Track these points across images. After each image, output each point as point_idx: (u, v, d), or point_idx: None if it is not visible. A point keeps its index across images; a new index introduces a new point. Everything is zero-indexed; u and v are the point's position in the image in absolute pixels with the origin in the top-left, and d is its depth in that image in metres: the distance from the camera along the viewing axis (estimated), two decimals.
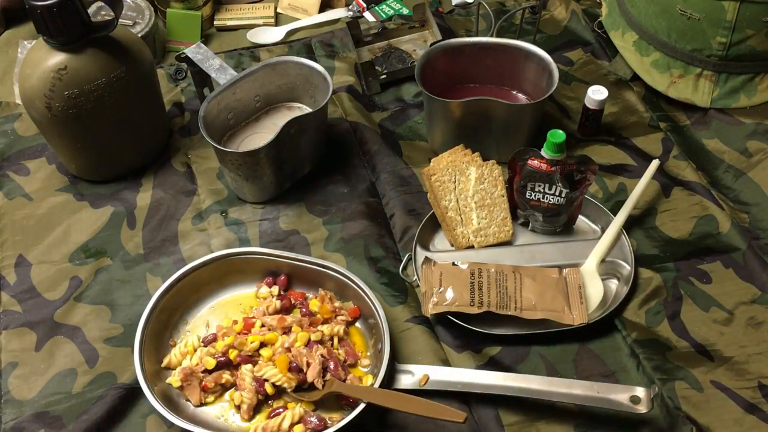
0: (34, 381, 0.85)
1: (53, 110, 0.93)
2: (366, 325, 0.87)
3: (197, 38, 1.23)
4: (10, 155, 1.08)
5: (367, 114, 1.13)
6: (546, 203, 0.93)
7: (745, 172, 1.02)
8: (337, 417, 0.79)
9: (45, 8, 0.86)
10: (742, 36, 1.03)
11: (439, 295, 0.86)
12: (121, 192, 1.03)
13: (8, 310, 0.91)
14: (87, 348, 0.87)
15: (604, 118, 1.08)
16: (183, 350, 0.84)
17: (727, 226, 0.96)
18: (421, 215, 0.98)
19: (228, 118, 1.03)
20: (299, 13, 1.31)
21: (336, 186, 1.04)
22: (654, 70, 1.11)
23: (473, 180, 0.95)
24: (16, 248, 0.97)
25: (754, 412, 0.80)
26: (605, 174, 1.03)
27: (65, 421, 0.81)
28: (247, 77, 1.02)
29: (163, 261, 0.95)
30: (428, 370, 0.82)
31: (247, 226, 0.99)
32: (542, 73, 1.03)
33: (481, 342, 0.86)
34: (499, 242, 0.95)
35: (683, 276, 0.92)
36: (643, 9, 1.10)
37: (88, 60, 0.92)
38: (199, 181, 1.04)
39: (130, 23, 1.15)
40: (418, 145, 1.09)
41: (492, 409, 0.81)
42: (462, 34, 1.25)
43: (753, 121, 1.07)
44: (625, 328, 0.87)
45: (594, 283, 0.90)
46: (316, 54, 1.22)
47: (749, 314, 0.88)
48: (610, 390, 0.77)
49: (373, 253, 0.95)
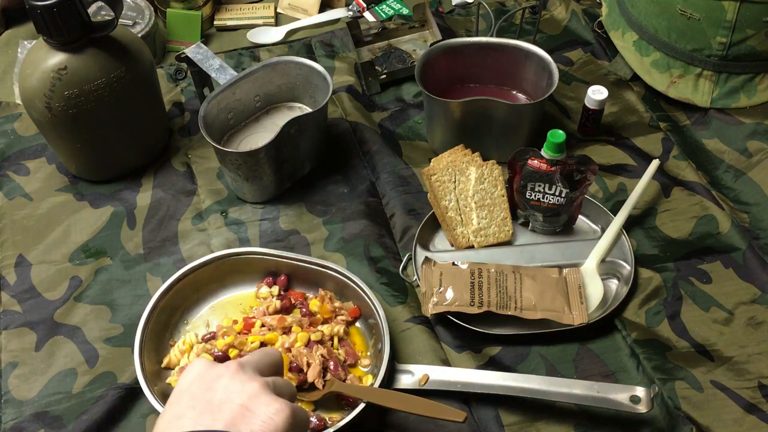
0: (34, 381, 0.85)
1: (53, 110, 0.93)
2: (366, 325, 0.87)
3: (197, 38, 1.23)
4: (10, 155, 1.08)
5: (367, 114, 1.13)
6: (546, 203, 0.93)
7: (745, 172, 1.02)
8: (337, 417, 0.79)
9: (45, 8, 0.86)
10: (742, 36, 1.03)
11: (439, 295, 0.86)
12: (121, 192, 1.03)
13: (8, 310, 0.91)
14: (87, 348, 0.87)
15: (604, 118, 1.08)
16: (182, 348, 0.84)
17: (727, 226, 0.96)
18: (421, 215, 0.98)
19: (228, 118, 1.03)
20: (299, 13, 1.31)
21: (336, 186, 1.04)
22: (654, 70, 1.11)
23: (473, 180, 0.95)
24: (16, 248, 0.97)
25: (754, 412, 0.80)
26: (605, 174, 1.03)
27: (65, 421, 0.81)
28: (247, 77, 1.02)
29: (163, 261, 0.95)
30: (428, 370, 0.82)
31: (247, 226, 0.99)
32: (542, 73, 1.03)
33: (481, 342, 0.86)
34: (499, 242, 0.95)
35: (683, 276, 0.92)
36: (643, 9, 1.10)
37: (88, 60, 0.92)
38: (199, 181, 1.04)
39: (130, 23, 1.15)
40: (418, 145, 1.09)
41: (492, 409, 0.81)
42: (462, 34, 1.25)
43: (753, 121, 1.07)
44: (625, 328, 0.87)
45: (594, 283, 0.90)
46: (316, 54, 1.22)
47: (749, 314, 0.88)
48: (610, 390, 0.77)
49: (373, 253, 0.95)
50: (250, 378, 0.59)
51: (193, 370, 0.61)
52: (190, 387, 0.60)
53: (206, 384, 0.59)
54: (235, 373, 0.60)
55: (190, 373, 0.61)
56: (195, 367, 0.62)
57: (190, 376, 0.61)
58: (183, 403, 0.58)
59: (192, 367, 0.62)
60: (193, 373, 0.61)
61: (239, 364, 0.61)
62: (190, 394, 0.59)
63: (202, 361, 0.62)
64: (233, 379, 0.59)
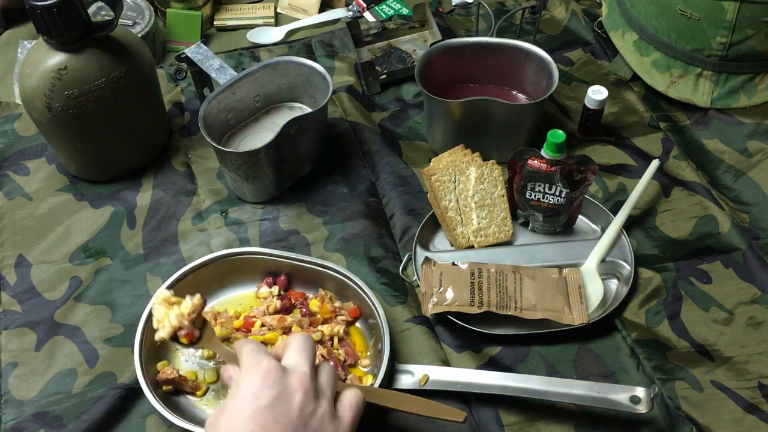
0: (34, 381, 0.85)
1: (53, 110, 0.93)
2: (366, 325, 0.87)
3: (197, 38, 1.23)
4: (10, 155, 1.08)
5: (367, 114, 1.13)
6: (546, 203, 0.93)
7: (745, 172, 1.02)
8: None
9: (45, 8, 0.86)
10: (742, 36, 1.03)
11: (439, 295, 0.86)
12: (121, 192, 1.03)
13: (8, 310, 0.91)
14: (87, 348, 0.87)
15: (604, 118, 1.08)
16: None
17: (727, 226, 0.96)
18: (421, 215, 0.98)
19: (228, 118, 1.03)
20: (299, 13, 1.31)
21: (336, 186, 1.04)
22: (654, 70, 1.11)
23: (473, 180, 0.95)
24: (16, 248, 0.97)
25: (754, 412, 0.80)
26: (605, 174, 1.03)
27: (65, 421, 0.81)
28: (247, 77, 1.02)
29: (163, 261, 0.95)
30: (428, 370, 0.82)
31: (247, 226, 0.99)
32: (542, 73, 1.03)
33: (481, 342, 0.86)
34: (499, 242, 0.95)
35: (683, 276, 0.92)
36: (643, 9, 1.10)
37: (88, 60, 0.92)
38: (199, 181, 1.04)
39: (130, 23, 1.15)
40: (418, 145, 1.09)
41: (492, 409, 0.81)
42: (462, 34, 1.25)
43: (753, 121, 1.07)
44: (625, 328, 0.87)
45: (594, 283, 0.90)
46: (316, 54, 1.22)
47: (749, 314, 0.88)
48: (610, 390, 0.77)
49: (373, 253, 0.95)
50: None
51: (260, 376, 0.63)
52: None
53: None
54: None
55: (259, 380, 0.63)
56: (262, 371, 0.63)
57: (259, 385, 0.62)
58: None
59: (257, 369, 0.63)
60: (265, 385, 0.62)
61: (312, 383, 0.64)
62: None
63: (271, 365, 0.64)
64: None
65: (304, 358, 0.65)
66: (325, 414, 0.63)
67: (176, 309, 0.72)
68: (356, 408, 0.66)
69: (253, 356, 0.64)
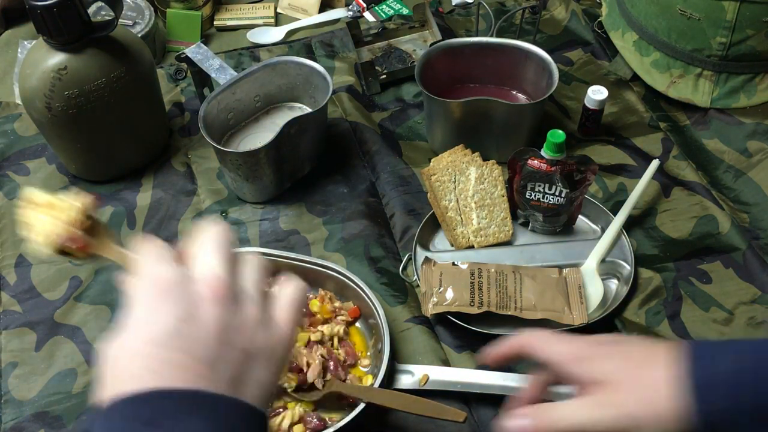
0: (34, 381, 0.85)
1: (53, 110, 0.93)
2: (366, 325, 0.87)
3: (197, 38, 1.23)
4: (10, 155, 1.08)
5: (367, 114, 1.13)
6: (546, 203, 0.93)
7: (745, 172, 1.02)
8: (337, 417, 0.79)
9: (45, 8, 0.86)
10: (742, 36, 1.03)
11: (439, 295, 0.86)
12: (121, 192, 1.03)
13: (8, 310, 0.91)
14: (87, 348, 0.87)
15: (604, 118, 1.08)
16: None
17: (727, 226, 0.96)
18: (421, 215, 0.98)
19: (228, 118, 1.03)
20: (299, 13, 1.31)
21: (336, 186, 1.04)
22: (654, 70, 1.11)
23: (473, 180, 0.95)
24: (16, 248, 0.97)
25: None
26: (605, 174, 1.03)
27: (65, 421, 0.81)
28: (247, 77, 1.02)
29: None
30: (428, 370, 0.82)
31: (247, 226, 0.99)
32: (542, 73, 1.03)
33: (481, 342, 0.86)
34: (499, 242, 0.95)
35: (683, 276, 0.92)
36: (643, 9, 1.10)
37: (88, 60, 0.92)
38: (199, 181, 1.04)
39: (130, 23, 1.15)
40: (418, 145, 1.09)
41: (492, 409, 0.81)
42: (462, 34, 1.25)
43: (753, 121, 1.07)
44: (625, 328, 0.87)
45: (594, 283, 0.90)
46: (316, 54, 1.22)
47: (749, 314, 0.88)
48: None
49: (373, 253, 0.95)
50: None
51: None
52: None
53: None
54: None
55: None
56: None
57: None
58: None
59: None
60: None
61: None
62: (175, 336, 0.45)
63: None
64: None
65: (215, 257, 0.49)
66: (251, 322, 0.48)
67: (58, 214, 0.54)
68: (295, 305, 0.52)
69: (150, 267, 0.48)
